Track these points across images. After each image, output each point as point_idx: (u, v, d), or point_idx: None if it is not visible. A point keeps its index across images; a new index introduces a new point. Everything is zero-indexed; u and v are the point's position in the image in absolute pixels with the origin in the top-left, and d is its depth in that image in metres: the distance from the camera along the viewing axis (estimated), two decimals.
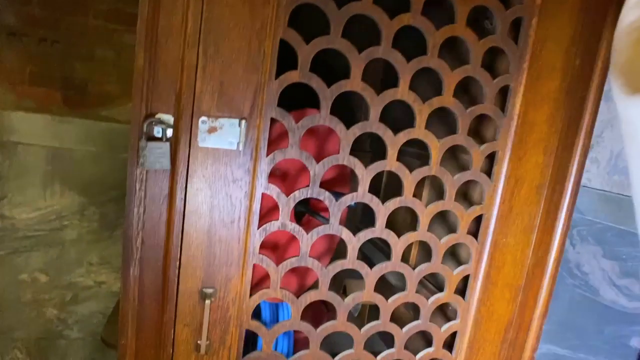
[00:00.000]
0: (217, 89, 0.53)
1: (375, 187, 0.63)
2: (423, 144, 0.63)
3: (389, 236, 0.64)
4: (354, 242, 0.63)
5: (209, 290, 0.58)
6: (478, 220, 0.67)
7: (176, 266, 0.57)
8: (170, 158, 0.53)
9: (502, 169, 0.65)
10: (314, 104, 0.59)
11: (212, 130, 0.54)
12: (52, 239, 1.53)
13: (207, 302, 0.57)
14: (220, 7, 0.51)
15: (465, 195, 0.74)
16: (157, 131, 0.53)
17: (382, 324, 0.67)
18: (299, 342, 0.82)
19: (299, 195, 0.60)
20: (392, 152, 0.61)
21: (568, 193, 0.67)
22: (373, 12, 0.56)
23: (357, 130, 0.59)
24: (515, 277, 0.69)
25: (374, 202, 0.62)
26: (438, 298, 0.68)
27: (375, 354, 0.68)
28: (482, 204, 0.66)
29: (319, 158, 0.59)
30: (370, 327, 0.67)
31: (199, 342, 0.59)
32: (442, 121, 0.67)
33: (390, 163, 0.62)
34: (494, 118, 0.64)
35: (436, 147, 0.63)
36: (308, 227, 0.61)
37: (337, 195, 0.62)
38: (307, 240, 0.61)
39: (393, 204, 0.63)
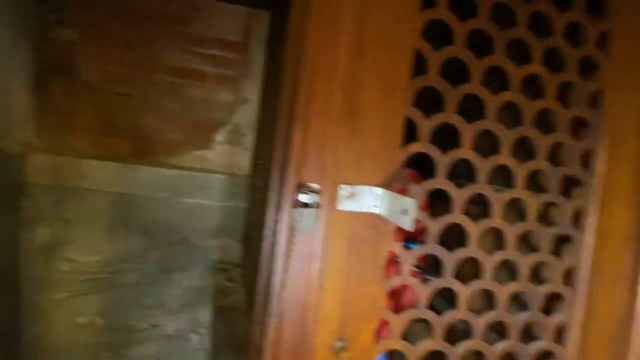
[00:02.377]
0: (356, 160, 0.61)
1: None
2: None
3: (493, 285, 0.70)
4: (465, 292, 0.68)
5: (341, 344, 0.63)
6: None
7: (314, 321, 0.62)
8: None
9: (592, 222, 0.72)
10: None
11: (350, 195, 0.61)
12: (112, 282, 1.58)
13: (343, 354, 0.62)
14: (362, 91, 0.60)
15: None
16: (302, 197, 0.60)
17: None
18: None
19: (418, 251, 0.66)
20: (497, 207, 0.68)
21: None
22: (481, 93, 0.65)
23: (469, 190, 0.67)
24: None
25: (480, 254, 0.68)
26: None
27: None
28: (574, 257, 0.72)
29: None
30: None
31: None
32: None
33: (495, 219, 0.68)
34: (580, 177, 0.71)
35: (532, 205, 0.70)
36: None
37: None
38: (424, 293, 0.67)
39: (502, 255, 0.69)
